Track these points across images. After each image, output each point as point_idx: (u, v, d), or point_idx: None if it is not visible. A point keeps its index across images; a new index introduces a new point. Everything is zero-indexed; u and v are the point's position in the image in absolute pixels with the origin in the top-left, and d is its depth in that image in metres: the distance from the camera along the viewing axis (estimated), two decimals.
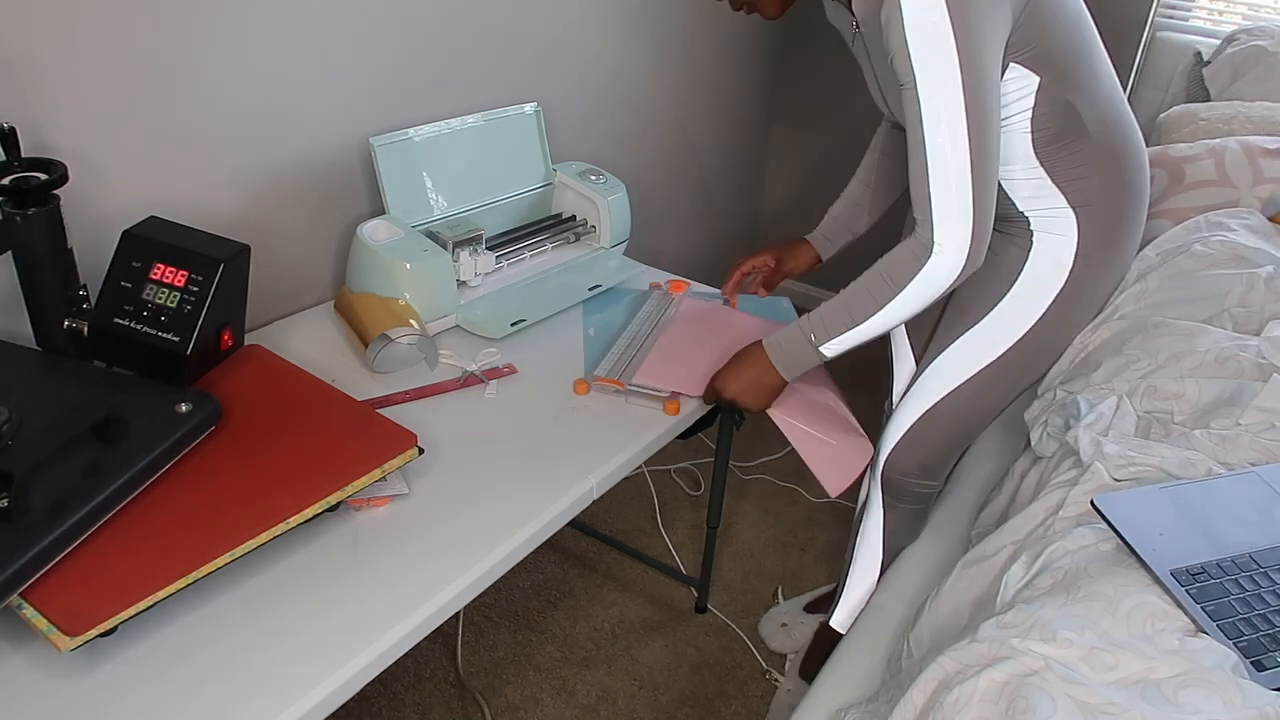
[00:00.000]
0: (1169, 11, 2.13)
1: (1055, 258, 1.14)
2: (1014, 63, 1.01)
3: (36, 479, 0.83)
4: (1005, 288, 1.17)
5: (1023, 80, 1.03)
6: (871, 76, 1.16)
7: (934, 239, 1.00)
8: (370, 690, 1.53)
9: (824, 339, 1.10)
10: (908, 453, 1.31)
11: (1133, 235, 1.16)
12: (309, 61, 1.29)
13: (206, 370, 1.08)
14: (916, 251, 1.02)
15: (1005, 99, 1.04)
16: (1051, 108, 1.05)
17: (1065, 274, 1.14)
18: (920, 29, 0.93)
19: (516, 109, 1.56)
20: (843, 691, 1.07)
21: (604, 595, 1.76)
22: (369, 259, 1.30)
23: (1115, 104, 1.10)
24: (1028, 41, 1.00)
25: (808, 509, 2.02)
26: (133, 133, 1.13)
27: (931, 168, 0.98)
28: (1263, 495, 0.95)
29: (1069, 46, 1.03)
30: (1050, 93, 1.04)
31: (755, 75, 2.41)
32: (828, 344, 1.10)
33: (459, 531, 0.97)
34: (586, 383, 1.23)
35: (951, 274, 1.02)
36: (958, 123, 0.95)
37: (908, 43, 0.94)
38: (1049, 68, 1.02)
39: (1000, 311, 1.18)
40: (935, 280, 1.02)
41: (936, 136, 0.96)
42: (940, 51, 0.93)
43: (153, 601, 0.80)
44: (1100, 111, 1.08)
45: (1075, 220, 1.11)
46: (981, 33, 0.94)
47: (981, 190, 0.98)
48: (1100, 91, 1.08)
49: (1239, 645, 0.78)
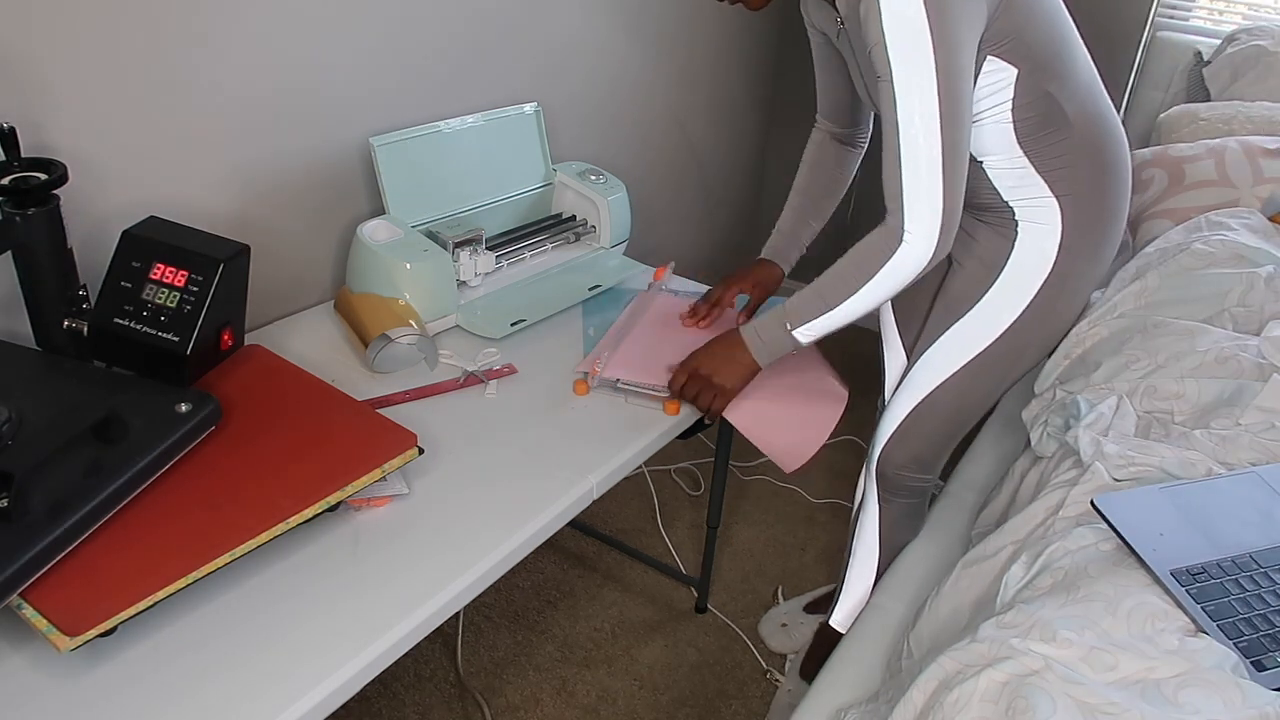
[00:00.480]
0: (1169, 11, 2.13)
1: (1040, 247, 1.15)
2: (992, 55, 1.03)
3: (36, 479, 0.83)
4: (992, 278, 1.19)
5: (1001, 72, 1.04)
6: (856, 72, 1.17)
7: (904, 227, 1.03)
8: (370, 690, 1.53)
9: (798, 323, 1.12)
10: (901, 447, 1.32)
11: (1116, 224, 1.17)
12: (309, 61, 1.29)
13: (206, 370, 1.08)
14: (887, 239, 1.05)
15: (985, 90, 1.06)
16: (1031, 98, 1.06)
17: (1050, 263, 1.15)
18: (897, 23, 0.95)
19: (516, 109, 1.56)
20: (843, 691, 1.07)
21: (604, 595, 1.76)
22: (369, 259, 1.30)
23: (1095, 95, 1.12)
24: (1005, 34, 1.02)
25: (808, 509, 2.02)
26: (133, 133, 1.13)
27: (904, 158, 1.00)
28: (1263, 495, 0.95)
29: (1046, 39, 1.05)
30: (1029, 84, 1.05)
31: (755, 75, 2.41)
32: (801, 328, 1.12)
33: (459, 531, 0.97)
34: (585, 382, 1.23)
35: (920, 262, 1.04)
36: (931, 115, 0.98)
37: (885, 36, 0.96)
38: (1027, 59, 1.04)
39: (987, 302, 1.19)
40: (904, 268, 1.05)
41: (910, 128, 0.99)
42: (916, 45, 0.95)
43: (153, 601, 0.80)
44: (1080, 102, 1.09)
45: (1059, 209, 1.13)
46: (957, 27, 0.96)
47: (951, 181, 1.01)
48: (1079, 83, 1.09)
49: (1239, 645, 0.78)
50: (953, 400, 1.26)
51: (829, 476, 2.11)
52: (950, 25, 0.95)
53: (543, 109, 1.60)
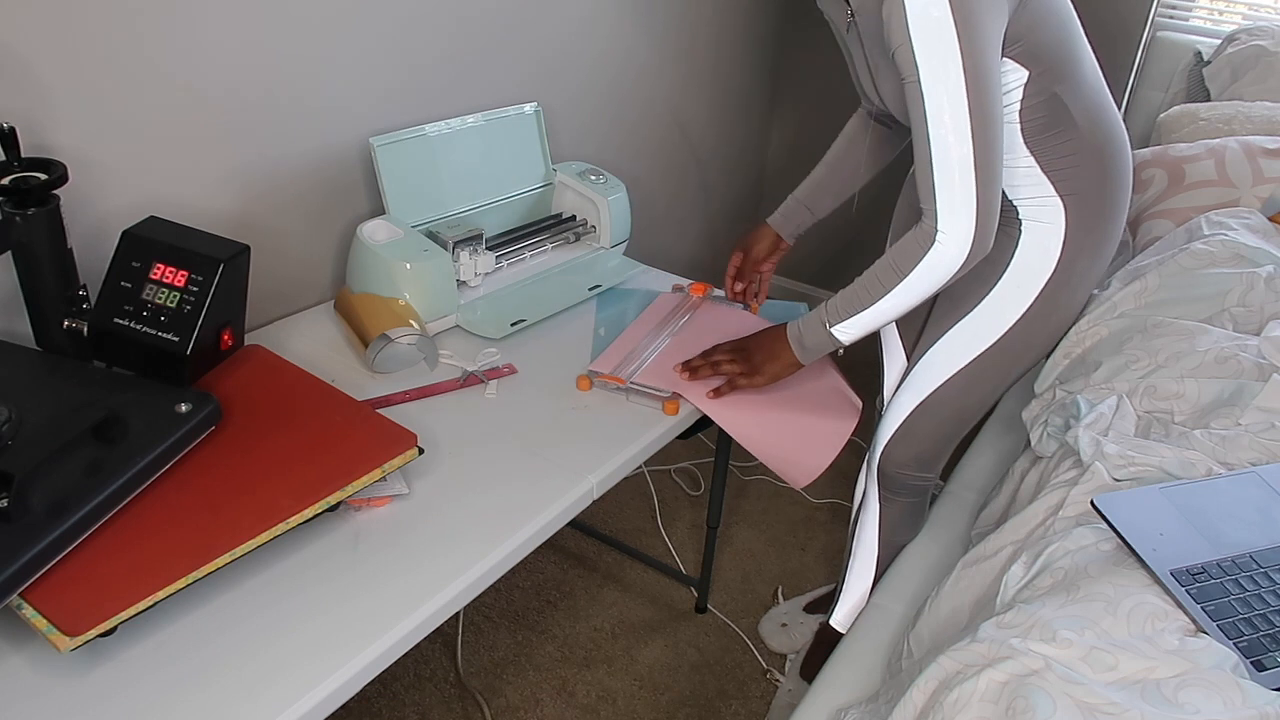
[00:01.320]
0: (1169, 11, 2.13)
1: (1043, 246, 1.15)
2: (1005, 57, 1.03)
3: (36, 479, 0.83)
4: (995, 277, 1.19)
5: (1013, 74, 1.05)
6: (863, 65, 1.17)
7: (938, 229, 1.03)
8: (370, 690, 1.53)
9: (836, 321, 1.13)
10: (903, 445, 1.32)
11: (1117, 223, 1.18)
12: (309, 61, 1.29)
13: (206, 370, 1.08)
14: (921, 241, 1.05)
15: None
16: (1040, 99, 1.07)
17: (1054, 262, 1.15)
18: (923, 23, 0.94)
19: (516, 109, 1.56)
20: (843, 691, 1.07)
21: (604, 595, 1.76)
22: (369, 259, 1.30)
23: (1100, 96, 1.13)
24: (1019, 36, 1.02)
25: (808, 509, 2.02)
26: (133, 133, 1.13)
27: (935, 160, 1.00)
28: (1263, 495, 0.95)
29: (1057, 41, 1.05)
30: (1039, 85, 1.06)
31: (755, 75, 2.41)
32: (839, 326, 1.13)
33: (459, 531, 0.97)
34: (589, 379, 1.23)
35: (954, 263, 1.04)
36: (961, 115, 0.97)
37: (910, 37, 0.96)
38: (1038, 62, 1.04)
39: (990, 301, 1.20)
40: (939, 269, 1.05)
41: (940, 129, 0.98)
42: (943, 45, 0.95)
43: (153, 601, 0.80)
44: (1086, 103, 1.10)
45: (1063, 208, 1.13)
46: (983, 26, 0.95)
47: (986, 182, 1.00)
48: (1085, 84, 1.10)
49: (1239, 645, 0.78)
50: (955, 399, 1.26)
51: (829, 476, 2.11)
52: (976, 24, 0.95)
53: (543, 109, 1.60)
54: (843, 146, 1.38)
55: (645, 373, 1.24)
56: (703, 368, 1.22)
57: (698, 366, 1.22)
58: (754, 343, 1.22)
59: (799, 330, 1.18)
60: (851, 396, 1.30)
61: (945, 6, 0.93)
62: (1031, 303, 1.17)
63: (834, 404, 1.28)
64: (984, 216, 1.01)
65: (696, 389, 1.21)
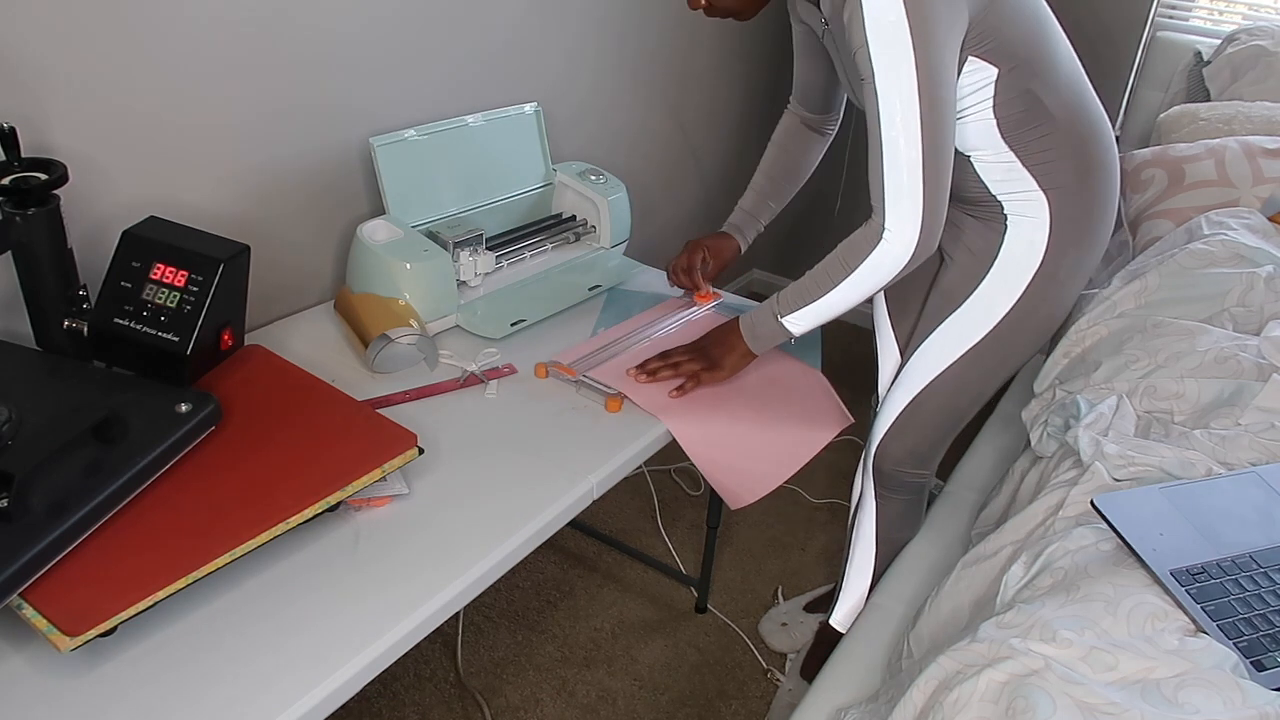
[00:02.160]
0: (1169, 11, 2.13)
1: (1029, 239, 1.16)
2: (972, 55, 1.04)
3: (36, 479, 0.83)
4: (984, 271, 1.20)
5: (981, 72, 1.06)
6: (841, 71, 1.19)
7: (885, 227, 1.05)
8: (370, 690, 1.53)
9: (786, 312, 1.15)
10: (898, 441, 1.33)
11: (1104, 216, 1.19)
12: (309, 61, 1.29)
13: (206, 370, 1.08)
14: (869, 237, 1.07)
15: (966, 89, 1.07)
16: (1013, 95, 1.08)
17: (1040, 255, 1.16)
18: (879, 27, 0.96)
19: (516, 109, 1.56)
20: (843, 691, 1.07)
21: (604, 595, 1.76)
22: (369, 259, 1.30)
23: (1079, 89, 1.13)
24: (986, 36, 1.03)
25: (808, 509, 2.02)
26: (133, 133, 1.13)
27: (886, 160, 1.02)
28: (1263, 495, 0.95)
29: (1027, 39, 1.06)
30: (1009, 81, 1.07)
31: (755, 75, 2.41)
32: (789, 317, 1.15)
33: (459, 531, 0.97)
34: (545, 367, 1.24)
35: (899, 261, 1.06)
36: (911, 118, 0.99)
37: (867, 40, 0.97)
38: (1007, 59, 1.05)
39: (980, 295, 1.21)
40: (884, 266, 1.07)
41: (891, 130, 1.00)
42: (897, 49, 0.96)
43: (153, 601, 0.80)
44: (1063, 97, 1.10)
45: (1047, 202, 1.14)
46: (938, 31, 0.97)
47: (933, 183, 1.02)
48: (1062, 78, 1.10)
49: (1239, 645, 0.78)
50: (948, 393, 1.26)
51: (829, 476, 2.11)
52: (931, 28, 0.96)
53: (543, 109, 1.60)
54: (778, 156, 1.42)
55: (604, 369, 1.24)
56: (661, 369, 1.22)
57: (656, 369, 1.22)
58: (708, 339, 1.24)
59: (751, 321, 1.20)
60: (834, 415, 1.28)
61: (900, 10, 0.95)
62: (1020, 296, 1.18)
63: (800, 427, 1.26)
64: (929, 217, 1.03)
65: (648, 391, 1.20)
